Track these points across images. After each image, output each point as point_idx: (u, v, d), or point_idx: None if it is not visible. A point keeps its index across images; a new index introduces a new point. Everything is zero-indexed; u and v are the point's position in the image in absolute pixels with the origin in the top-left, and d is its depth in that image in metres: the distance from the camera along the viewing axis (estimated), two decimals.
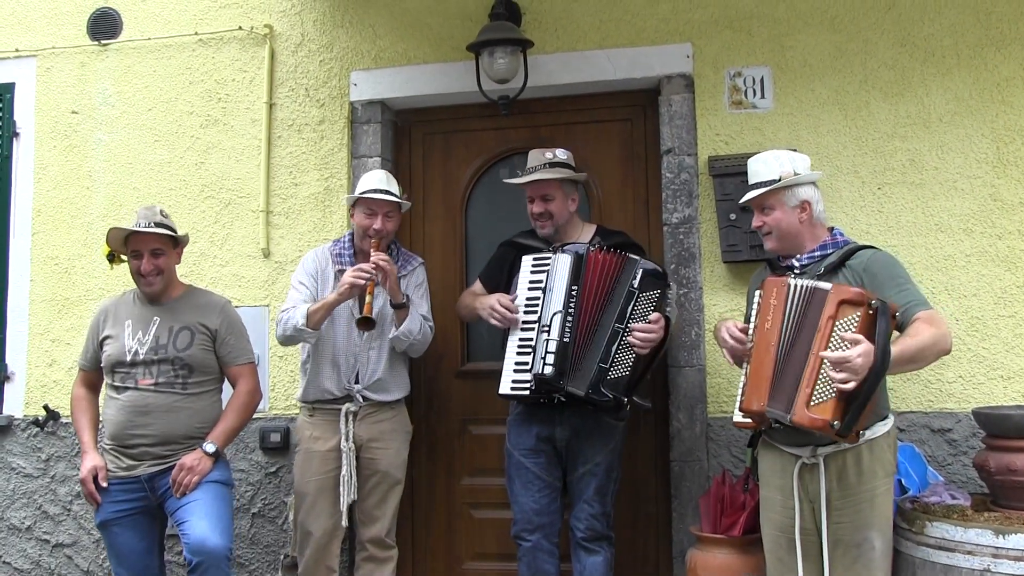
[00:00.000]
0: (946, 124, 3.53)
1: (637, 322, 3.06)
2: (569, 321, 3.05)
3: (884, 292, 2.49)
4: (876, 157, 3.58)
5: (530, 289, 3.18)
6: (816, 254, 2.73)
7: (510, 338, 3.17)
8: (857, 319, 2.36)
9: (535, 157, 3.40)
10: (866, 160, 3.58)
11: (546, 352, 3.04)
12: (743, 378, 2.66)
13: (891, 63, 3.60)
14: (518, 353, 3.13)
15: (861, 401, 2.33)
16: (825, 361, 2.33)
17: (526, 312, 3.15)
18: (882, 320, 2.34)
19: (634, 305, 3.06)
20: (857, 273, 2.61)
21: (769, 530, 2.77)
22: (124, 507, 3.20)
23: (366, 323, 3.23)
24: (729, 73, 3.73)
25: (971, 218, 3.48)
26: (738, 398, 2.67)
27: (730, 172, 3.59)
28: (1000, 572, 2.57)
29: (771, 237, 2.79)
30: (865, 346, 2.30)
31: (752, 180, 2.81)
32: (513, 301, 3.19)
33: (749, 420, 2.64)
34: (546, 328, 3.07)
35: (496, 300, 3.19)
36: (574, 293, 3.07)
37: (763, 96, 3.70)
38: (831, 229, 2.81)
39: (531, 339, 3.11)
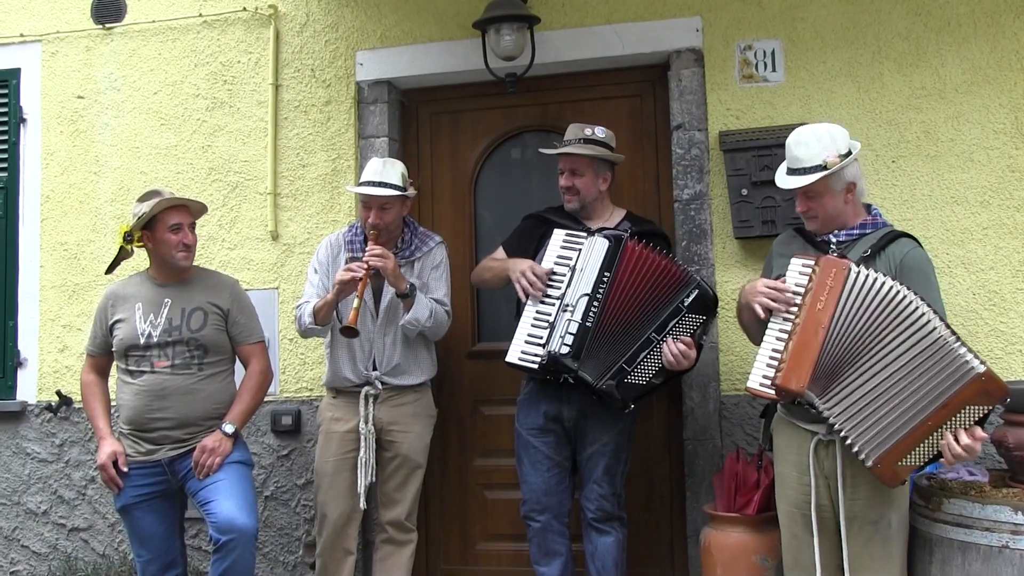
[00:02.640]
0: (962, 94, 3.47)
1: (675, 339, 2.95)
2: (595, 307, 2.98)
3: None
4: (890, 129, 3.52)
5: (557, 264, 3.10)
6: (855, 232, 2.66)
7: (527, 308, 3.09)
8: (984, 412, 2.35)
9: (573, 131, 3.31)
10: (880, 133, 3.52)
11: (566, 332, 2.98)
12: (774, 347, 2.54)
13: (905, 33, 3.53)
14: (533, 325, 3.06)
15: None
16: (936, 437, 2.37)
17: (548, 286, 3.08)
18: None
19: (677, 321, 2.97)
20: (894, 263, 2.56)
21: (784, 507, 2.75)
22: (145, 491, 3.20)
23: (348, 332, 3.18)
24: (739, 47, 3.67)
25: (988, 190, 3.42)
26: (760, 365, 2.56)
27: (741, 147, 3.54)
28: (1019, 548, 2.54)
29: (816, 220, 2.70)
30: (980, 446, 2.33)
31: (794, 165, 2.67)
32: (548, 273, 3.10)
33: (770, 391, 2.54)
34: (569, 308, 3.01)
35: (530, 267, 3.10)
36: (605, 280, 2.99)
37: (774, 69, 3.64)
38: (868, 207, 2.74)
39: (550, 314, 3.04)
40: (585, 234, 3.11)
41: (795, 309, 2.54)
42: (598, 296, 2.99)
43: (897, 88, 3.52)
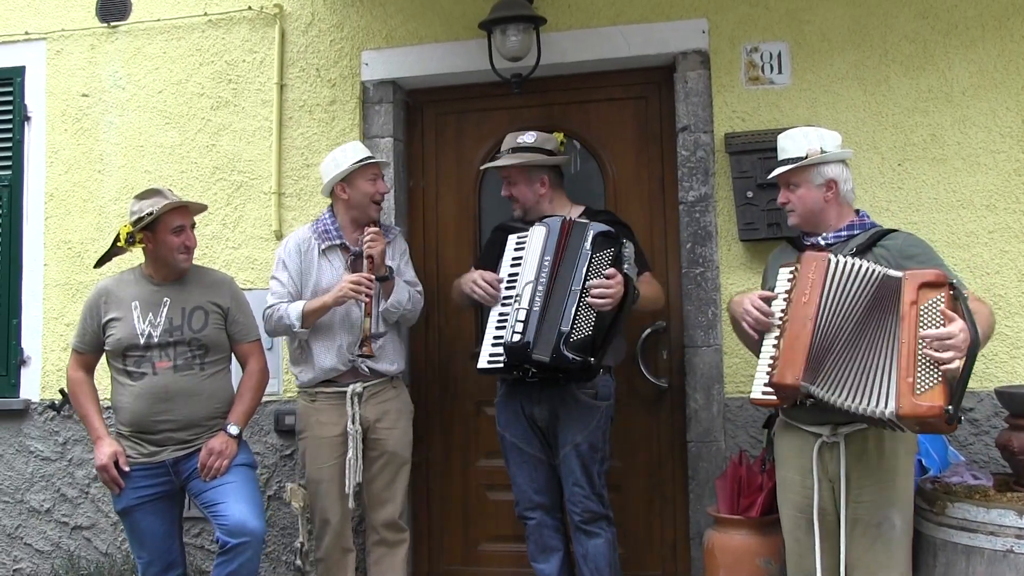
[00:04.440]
0: (969, 98, 3.46)
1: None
2: (540, 291, 3.03)
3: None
4: (896, 132, 3.51)
5: (512, 266, 3.17)
6: (843, 234, 2.68)
7: (490, 315, 3.17)
8: (942, 300, 2.31)
9: (507, 140, 3.38)
10: (886, 136, 3.51)
11: (516, 321, 3.02)
12: (770, 354, 2.54)
13: (912, 36, 3.53)
14: (496, 328, 3.11)
15: (963, 382, 2.25)
16: (922, 345, 2.27)
17: (507, 288, 3.14)
18: (963, 298, 2.32)
19: (588, 266, 3.01)
20: (893, 255, 2.56)
21: (787, 511, 2.74)
22: (147, 492, 3.17)
23: (364, 357, 3.27)
24: (746, 49, 3.67)
25: (994, 194, 3.42)
26: (761, 375, 2.56)
27: (747, 149, 3.53)
28: (1023, 553, 2.54)
29: (794, 214, 2.76)
30: (962, 322, 2.25)
31: (780, 156, 2.76)
32: (499, 280, 3.17)
33: (772, 397, 2.53)
34: (518, 298, 3.06)
35: (478, 275, 3.19)
36: (546, 264, 3.05)
37: (780, 72, 3.63)
38: (858, 211, 2.76)
39: (507, 313, 3.10)
40: (528, 231, 3.17)
41: (781, 314, 2.54)
42: (542, 279, 3.04)
43: (904, 91, 3.52)
